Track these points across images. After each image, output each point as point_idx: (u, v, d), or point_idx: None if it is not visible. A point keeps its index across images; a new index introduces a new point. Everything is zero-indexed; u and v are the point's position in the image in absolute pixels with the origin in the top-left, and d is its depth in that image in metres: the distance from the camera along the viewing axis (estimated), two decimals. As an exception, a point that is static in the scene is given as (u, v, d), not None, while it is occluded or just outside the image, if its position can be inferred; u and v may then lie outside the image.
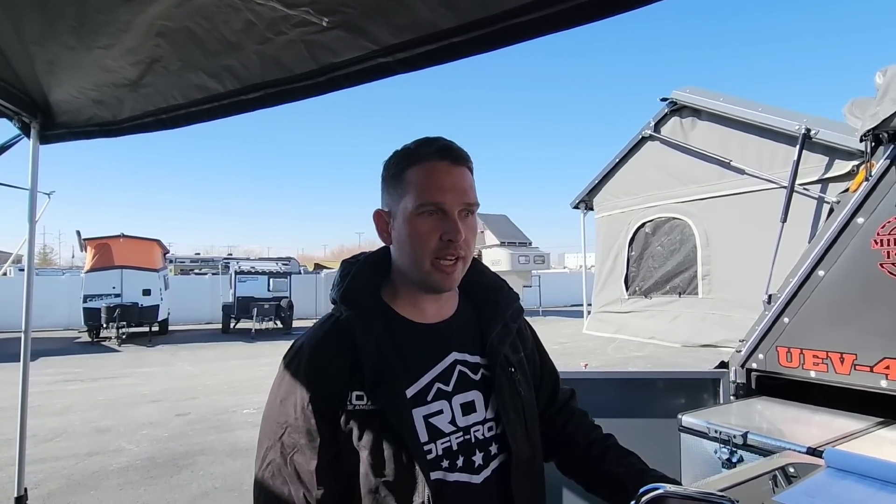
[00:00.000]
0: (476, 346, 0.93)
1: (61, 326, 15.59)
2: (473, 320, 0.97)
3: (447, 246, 0.84)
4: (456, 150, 0.87)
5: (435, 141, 0.87)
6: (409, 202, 0.84)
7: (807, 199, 2.72)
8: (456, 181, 0.85)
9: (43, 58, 1.56)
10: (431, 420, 0.84)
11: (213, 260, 28.16)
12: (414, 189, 0.84)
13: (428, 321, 0.92)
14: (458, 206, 0.85)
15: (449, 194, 0.84)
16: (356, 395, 0.82)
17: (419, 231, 0.84)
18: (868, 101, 2.04)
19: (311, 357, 0.85)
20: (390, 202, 0.89)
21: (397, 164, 0.87)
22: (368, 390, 0.81)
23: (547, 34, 1.09)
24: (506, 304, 0.99)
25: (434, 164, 0.85)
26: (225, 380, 8.39)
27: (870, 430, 1.65)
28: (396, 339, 0.87)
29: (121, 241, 13.77)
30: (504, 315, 0.97)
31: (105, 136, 1.87)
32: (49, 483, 4.12)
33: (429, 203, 0.83)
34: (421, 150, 0.86)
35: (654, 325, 3.47)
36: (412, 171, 0.85)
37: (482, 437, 0.87)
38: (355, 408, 0.81)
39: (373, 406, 0.81)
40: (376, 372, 0.82)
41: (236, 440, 5.20)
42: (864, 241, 1.83)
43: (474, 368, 0.91)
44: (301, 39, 1.30)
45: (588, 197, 4.36)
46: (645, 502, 0.91)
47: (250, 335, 14.20)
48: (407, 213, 0.85)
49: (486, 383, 0.91)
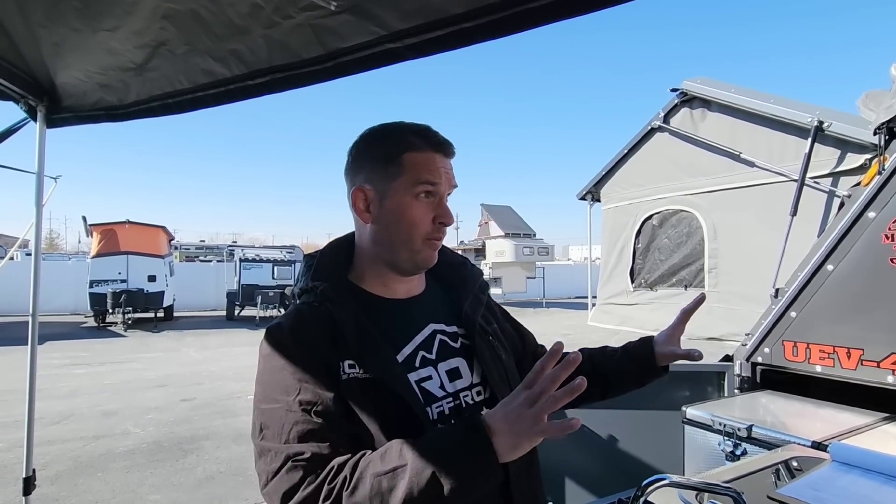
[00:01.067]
0: (451, 317, 0.97)
1: (68, 311, 15.73)
2: (444, 295, 1.01)
3: (439, 229, 0.90)
4: (451, 146, 0.92)
5: (429, 132, 0.91)
6: (406, 182, 0.87)
7: (817, 193, 2.69)
8: (449, 171, 0.91)
9: (49, 40, 1.55)
10: (423, 385, 0.86)
11: (217, 247, 28.32)
12: (412, 172, 0.87)
13: (399, 297, 0.94)
14: (448, 190, 0.91)
15: (445, 182, 0.89)
16: (347, 363, 0.81)
17: (415, 213, 0.88)
18: (883, 93, 2.01)
19: (293, 330, 0.84)
20: (376, 180, 0.89)
21: (394, 146, 0.89)
22: (357, 358, 0.82)
23: (559, 20, 1.07)
24: (472, 278, 1.04)
25: (433, 154, 0.89)
26: (230, 366, 8.46)
27: (875, 425, 1.64)
28: (371, 313, 0.89)
29: (126, 227, 13.85)
30: (473, 287, 1.02)
31: (111, 121, 1.86)
32: (56, 465, 4.18)
33: (429, 186, 0.88)
34: (418, 140, 0.89)
35: (660, 318, 3.45)
36: (411, 155, 0.88)
37: (472, 402, 0.90)
38: (349, 376, 0.81)
39: (366, 374, 0.81)
40: (361, 341, 0.83)
41: (241, 425, 5.26)
42: (875, 236, 1.81)
43: (453, 337, 0.95)
44: (309, 23, 1.28)
45: (595, 188, 4.32)
46: (650, 493, 0.91)
47: (255, 322, 14.30)
48: (402, 194, 0.88)
49: (467, 350, 0.94)
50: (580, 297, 20.98)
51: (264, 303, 14.62)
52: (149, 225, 14.52)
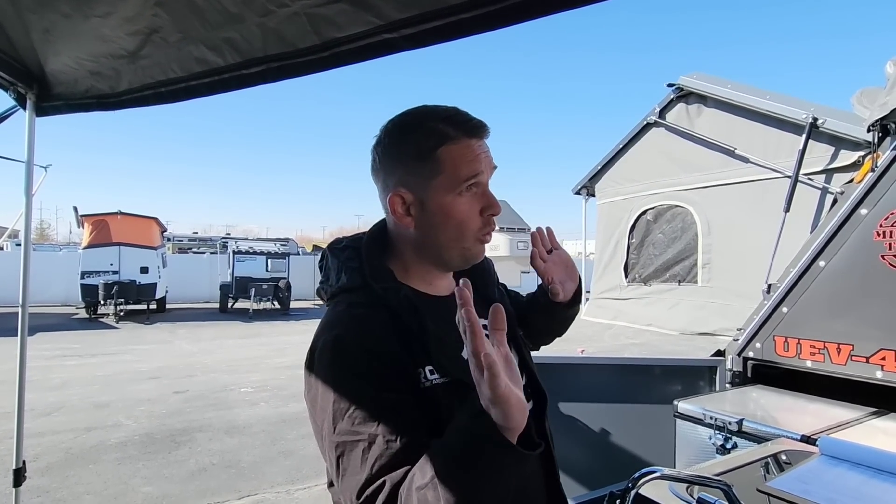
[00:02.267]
0: (482, 309, 0.91)
1: (58, 302, 15.60)
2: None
3: (489, 221, 0.85)
4: (483, 124, 0.84)
5: (461, 115, 0.83)
6: (447, 182, 0.81)
7: (810, 189, 2.71)
8: (488, 155, 0.84)
9: (39, 26, 1.52)
10: None
11: (211, 239, 28.12)
12: (451, 168, 0.81)
13: (442, 294, 0.92)
14: (489, 176, 0.85)
15: (487, 170, 0.84)
16: (428, 369, 0.77)
17: (462, 211, 0.82)
18: (877, 90, 2.02)
19: (361, 343, 0.75)
20: (413, 183, 0.83)
21: (426, 140, 0.81)
22: (436, 363, 0.78)
23: (557, 11, 1.06)
24: (490, 269, 1.04)
25: (468, 142, 0.82)
26: (223, 358, 8.43)
27: (863, 419, 1.66)
28: (425, 313, 0.84)
29: (118, 218, 13.71)
30: (494, 278, 1.03)
31: (103, 109, 1.83)
32: (47, 456, 4.16)
33: (471, 181, 0.82)
34: (450, 129, 0.82)
35: (653, 313, 3.48)
36: (446, 149, 0.81)
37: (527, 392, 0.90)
38: (432, 383, 0.77)
39: (447, 378, 0.78)
40: (438, 342, 0.79)
41: (234, 418, 5.25)
42: (867, 233, 1.82)
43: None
44: (304, 12, 1.27)
45: (590, 183, 4.33)
46: (642, 485, 0.92)
47: (248, 315, 14.24)
48: (444, 194, 0.81)
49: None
50: (574, 291, 20.99)
51: (258, 295, 14.54)
52: (141, 216, 14.38)
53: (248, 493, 3.56)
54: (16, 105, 1.93)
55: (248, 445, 4.48)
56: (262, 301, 14.88)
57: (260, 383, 6.73)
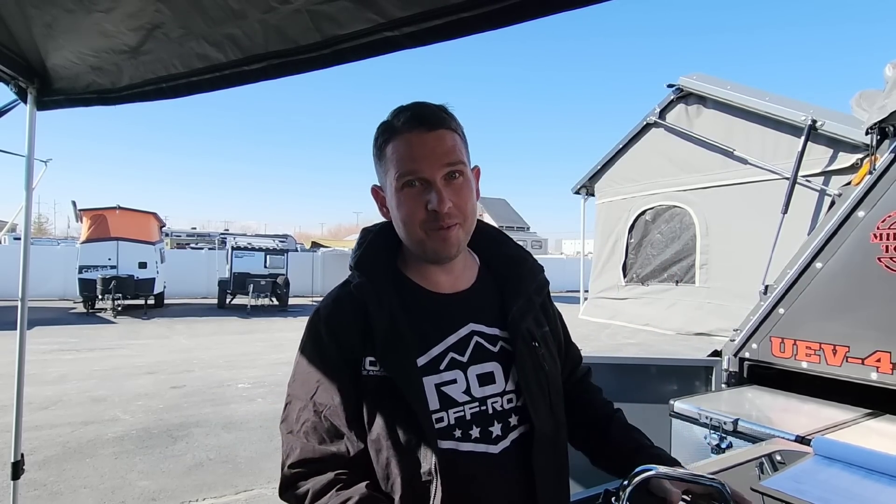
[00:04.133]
0: (496, 318, 0.91)
1: (56, 296, 15.58)
2: (495, 293, 0.94)
3: (435, 217, 0.82)
4: (429, 115, 0.83)
5: (407, 109, 0.85)
6: (392, 177, 0.84)
7: (808, 191, 2.72)
8: (433, 147, 0.82)
9: (41, 20, 1.52)
10: (444, 389, 0.84)
11: (209, 235, 28.10)
12: (393, 163, 0.84)
13: (443, 291, 0.91)
14: (440, 170, 0.82)
15: (425, 162, 0.82)
16: (369, 360, 0.83)
17: (405, 204, 0.84)
18: (876, 93, 2.02)
19: (328, 319, 0.87)
20: (380, 178, 0.90)
21: (381, 137, 0.86)
22: (380, 357, 0.82)
23: (559, 11, 1.07)
24: (529, 277, 0.96)
25: (408, 135, 0.82)
26: (220, 354, 8.43)
27: (858, 420, 1.67)
28: (410, 307, 0.87)
29: (117, 212, 13.69)
30: (528, 289, 0.94)
31: (103, 104, 1.84)
32: (45, 450, 4.16)
33: (408, 174, 0.82)
34: (395, 123, 0.84)
35: (650, 313, 3.49)
36: (390, 145, 0.84)
37: (500, 409, 0.86)
38: (369, 373, 0.83)
39: (384, 373, 0.82)
40: (387, 339, 0.83)
41: (231, 413, 5.26)
42: (864, 235, 1.83)
43: (493, 340, 0.89)
44: (306, 9, 1.27)
45: (589, 182, 4.34)
46: (637, 482, 0.93)
47: (246, 311, 14.24)
48: (392, 188, 0.85)
49: (506, 356, 0.89)
50: (571, 290, 21.08)
51: (256, 291, 14.55)
52: (140, 211, 14.36)
53: (244, 489, 3.57)
54: (17, 99, 1.93)
55: (245, 441, 4.49)
56: (261, 297, 14.88)
57: (257, 379, 6.73)
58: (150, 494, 3.47)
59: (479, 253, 1.00)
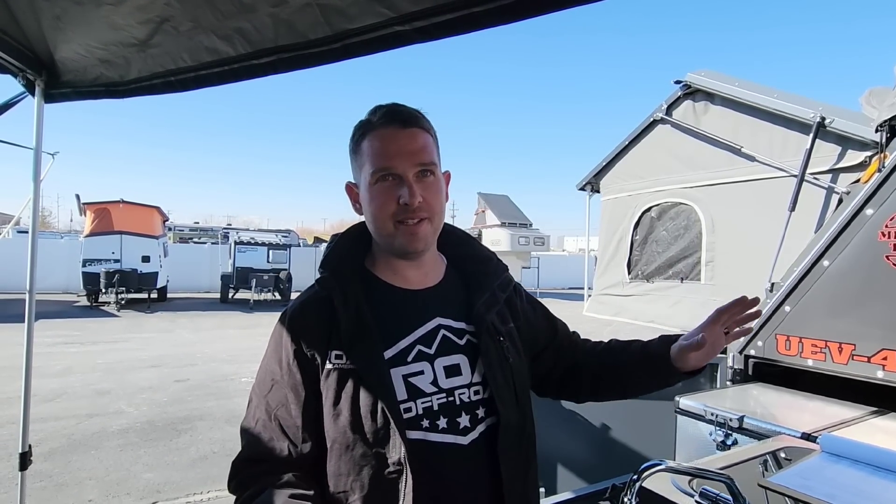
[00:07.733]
0: (462, 313, 0.95)
1: (60, 290, 15.63)
2: (460, 289, 0.98)
3: (405, 210, 0.86)
4: (404, 113, 0.88)
5: (383, 107, 0.89)
6: (366, 171, 0.87)
7: (816, 189, 2.71)
8: (406, 144, 0.86)
9: (50, 13, 1.52)
10: (411, 379, 0.86)
11: (212, 229, 28.15)
12: (368, 158, 0.87)
13: (411, 287, 0.94)
14: (412, 168, 0.86)
15: (398, 158, 0.86)
16: (335, 353, 0.85)
17: (378, 197, 0.87)
18: (886, 91, 2.01)
19: (291, 319, 0.90)
20: (355, 174, 0.93)
21: (357, 133, 0.90)
22: (346, 349, 0.85)
23: (570, 7, 1.06)
24: (493, 275, 1.01)
25: (383, 131, 0.87)
26: (223, 348, 8.47)
27: (864, 418, 1.67)
28: (376, 302, 0.90)
29: (120, 206, 13.71)
30: (491, 284, 0.99)
31: (111, 97, 1.84)
32: (50, 442, 4.19)
33: (381, 169, 0.86)
34: (371, 119, 0.88)
35: (655, 310, 3.49)
36: (365, 141, 0.88)
37: (468, 400, 0.88)
38: (335, 366, 0.85)
39: (351, 365, 0.84)
40: (353, 332, 0.85)
41: (234, 407, 5.28)
42: (872, 233, 1.82)
43: (459, 334, 0.93)
44: (316, 3, 1.27)
45: (595, 179, 4.33)
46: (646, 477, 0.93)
47: (248, 305, 14.28)
48: (366, 182, 0.88)
49: (472, 348, 0.92)
50: (574, 287, 21.07)
51: (258, 286, 14.58)
52: (143, 205, 14.38)
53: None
54: (24, 92, 1.93)
55: (249, 434, 4.51)
56: (263, 292, 14.91)
57: (261, 373, 6.76)
58: (155, 487, 3.50)
59: (446, 254, 1.04)
